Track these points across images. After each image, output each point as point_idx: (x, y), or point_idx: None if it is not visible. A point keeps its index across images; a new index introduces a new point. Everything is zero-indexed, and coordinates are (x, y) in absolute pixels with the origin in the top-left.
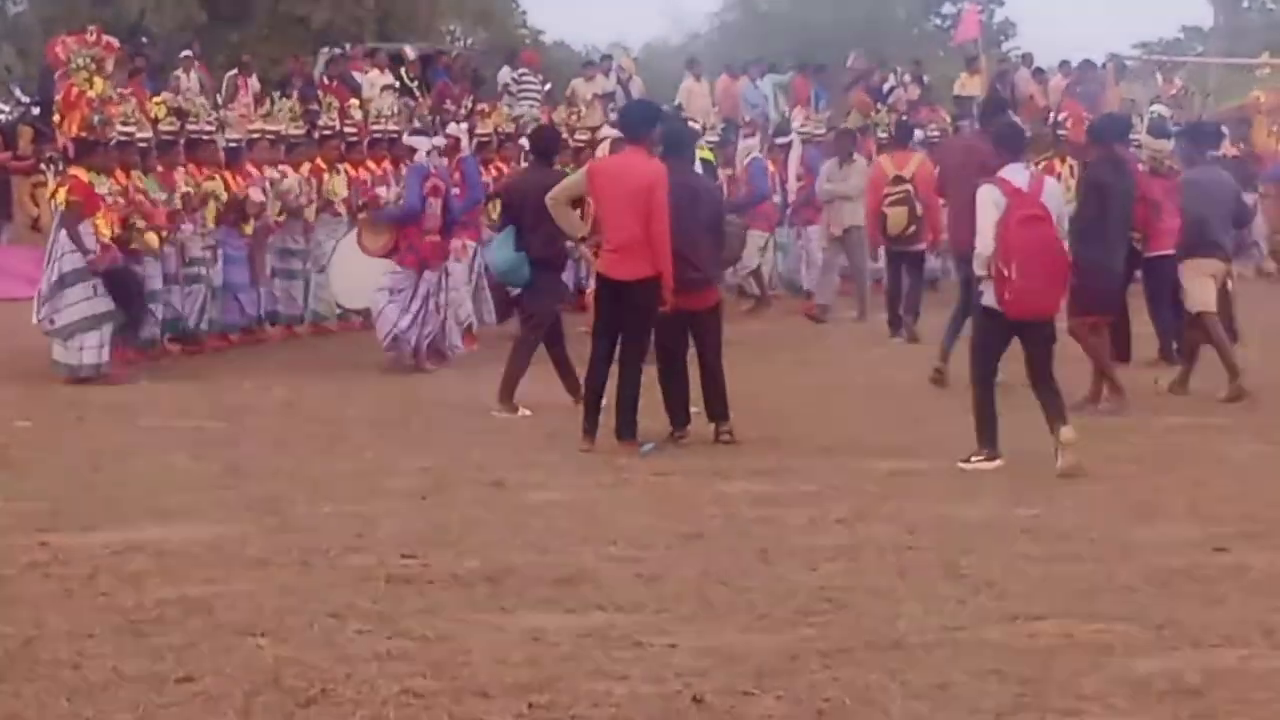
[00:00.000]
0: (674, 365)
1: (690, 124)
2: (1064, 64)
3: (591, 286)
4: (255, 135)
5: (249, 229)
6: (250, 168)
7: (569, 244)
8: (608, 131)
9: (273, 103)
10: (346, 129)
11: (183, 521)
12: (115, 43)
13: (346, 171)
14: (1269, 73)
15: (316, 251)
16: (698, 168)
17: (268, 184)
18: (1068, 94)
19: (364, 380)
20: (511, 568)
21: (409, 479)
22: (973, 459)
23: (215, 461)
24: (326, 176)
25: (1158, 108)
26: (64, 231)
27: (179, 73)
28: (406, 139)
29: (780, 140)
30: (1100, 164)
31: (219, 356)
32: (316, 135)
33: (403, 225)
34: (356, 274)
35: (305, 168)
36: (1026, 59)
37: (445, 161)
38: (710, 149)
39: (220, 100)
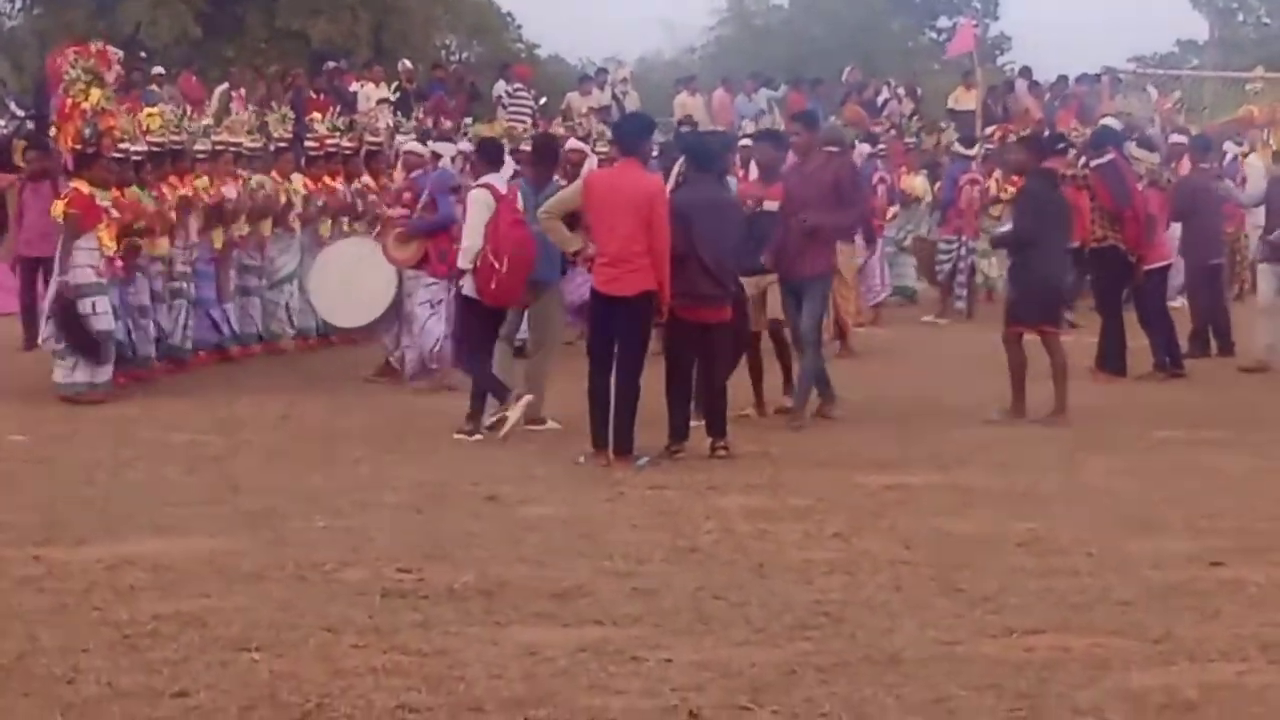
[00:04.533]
0: (681, 377)
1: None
2: (1061, 79)
3: None
4: (220, 148)
5: (219, 242)
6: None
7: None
8: (574, 144)
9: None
10: (308, 143)
11: (177, 536)
12: (116, 53)
13: (305, 185)
14: (1262, 87)
15: (269, 268)
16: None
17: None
18: (1061, 106)
19: (359, 394)
20: (507, 582)
21: (404, 493)
22: (493, 419)
23: (210, 475)
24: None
25: (1108, 120)
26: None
27: (153, 87)
28: (431, 145)
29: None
30: (1036, 178)
31: (213, 371)
32: (272, 148)
33: (434, 234)
34: (339, 289)
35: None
36: (1025, 72)
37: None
38: None
39: (210, 113)
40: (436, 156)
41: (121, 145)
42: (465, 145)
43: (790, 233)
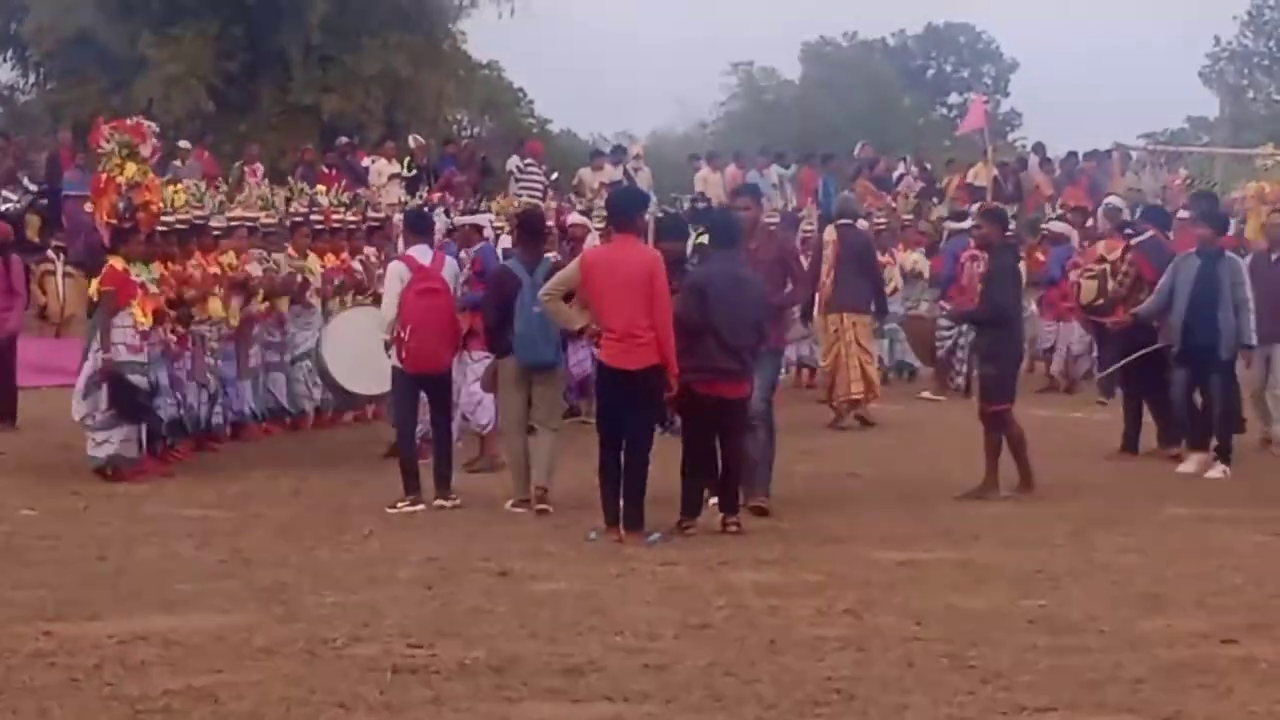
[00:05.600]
0: (696, 452)
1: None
2: (1071, 155)
3: None
4: (236, 224)
5: (234, 320)
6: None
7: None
8: (576, 219)
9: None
10: (313, 217)
11: (189, 611)
12: (152, 127)
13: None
14: (1272, 164)
15: (290, 343)
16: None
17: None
18: (1070, 183)
19: (371, 470)
20: (518, 658)
21: (415, 568)
22: (399, 505)
23: (221, 551)
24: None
25: (1112, 199)
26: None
27: (176, 162)
28: (466, 218)
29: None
30: (1006, 251)
31: (225, 447)
32: (288, 223)
33: (477, 310)
34: (355, 357)
35: (278, 256)
36: (1037, 148)
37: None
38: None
39: (226, 188)
40: (478, 229)
41: (166, 220)
42: (493, 217)
43: None
